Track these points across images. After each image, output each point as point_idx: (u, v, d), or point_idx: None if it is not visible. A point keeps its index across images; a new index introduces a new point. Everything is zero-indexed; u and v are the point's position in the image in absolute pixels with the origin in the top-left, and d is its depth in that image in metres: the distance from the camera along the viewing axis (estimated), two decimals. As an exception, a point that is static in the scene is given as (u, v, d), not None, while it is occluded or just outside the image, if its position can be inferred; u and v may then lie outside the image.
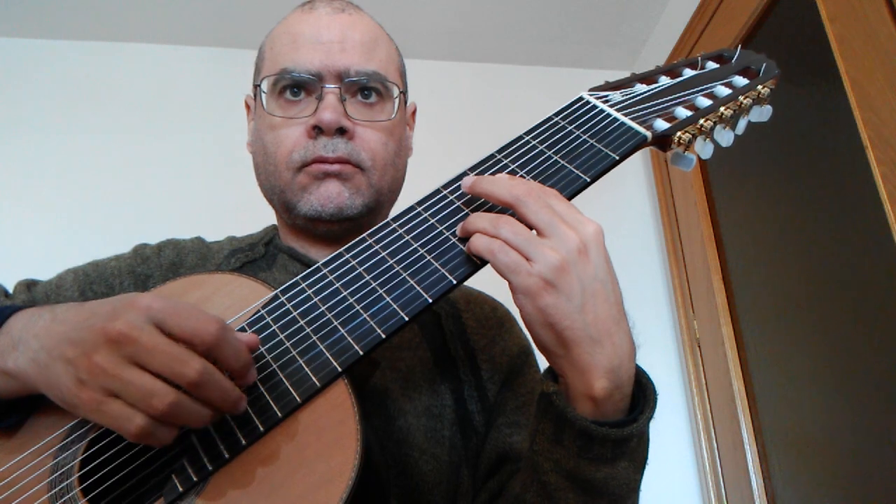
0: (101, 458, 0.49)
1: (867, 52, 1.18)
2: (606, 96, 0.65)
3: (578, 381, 0.50)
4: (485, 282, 0.70)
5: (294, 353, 0.52)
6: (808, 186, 1.37)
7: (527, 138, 0.61)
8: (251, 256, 0.77)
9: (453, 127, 1.93)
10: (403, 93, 0.79)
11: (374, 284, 0.54)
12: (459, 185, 0.58)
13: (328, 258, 0.57)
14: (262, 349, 0.52)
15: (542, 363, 0.80)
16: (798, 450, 1.36)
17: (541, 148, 0.60)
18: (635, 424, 0.51)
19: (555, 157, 0.59)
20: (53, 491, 0.48)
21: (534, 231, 0.51)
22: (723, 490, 1.56)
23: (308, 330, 0.53)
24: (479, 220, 0.53)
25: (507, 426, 0.71)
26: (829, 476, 1.27)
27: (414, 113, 0.87)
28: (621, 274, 0.53)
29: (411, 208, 0.59)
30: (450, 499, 0.65)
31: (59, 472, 0.49)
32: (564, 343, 0.49)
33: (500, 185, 0.53)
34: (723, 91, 0.66)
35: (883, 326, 1.14)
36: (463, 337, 0.75)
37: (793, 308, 1.40)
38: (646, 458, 0.55)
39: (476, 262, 0.53)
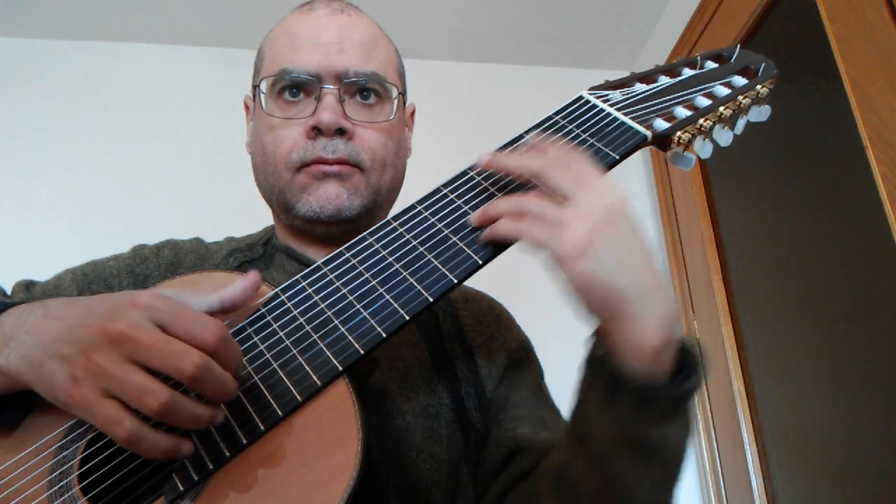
0: (101, 456, 0.49)
1: (867, 52, 1.18)
2: (606, 95, 0.65)
3: (635, 337, 0.49)
4: (484, 282, 0.70)
5: (294, 351, 0.51)
6: (808, 186, 1.37)
7: (527, 137, 0.61)
8: (249, 256, 0.77)
9: (453, 127, 1.92)
10: (402, 94, 0.79)
11: (374, 283, 0.54)
12: (460, 184, 0.58)
13: (329, 257, 0.57)
14: (262, 347, 0.52)
15: (543, 362, 0.80)
16: (798, 450, 1.36)
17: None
18: (688, 381, 0.50)
19: None
20: (53, 490, 0.48)
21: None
22: (723, 490, 1.56)
23: (308, 328, 0.53)
24: (499, 203, 0.53)
25: (509, 421, 0.71)
26: (829, 476, 1.27)
27: (413, 114, 0.87)
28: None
29: (412, 207, 0.59)
30: (448, 496, 0.65)
31: (58, 471, 0.49)
32: (613, 302, 0.49)
33: (521, 158, 0.54)
34: (722, 91, 0.66)
35: (883, 326, 1.14)
36: (460, 335, 0.75)
37: (793, 308, 1.40)
38: (693, 425, 0.54)
39: (477, 262, 0.53)
